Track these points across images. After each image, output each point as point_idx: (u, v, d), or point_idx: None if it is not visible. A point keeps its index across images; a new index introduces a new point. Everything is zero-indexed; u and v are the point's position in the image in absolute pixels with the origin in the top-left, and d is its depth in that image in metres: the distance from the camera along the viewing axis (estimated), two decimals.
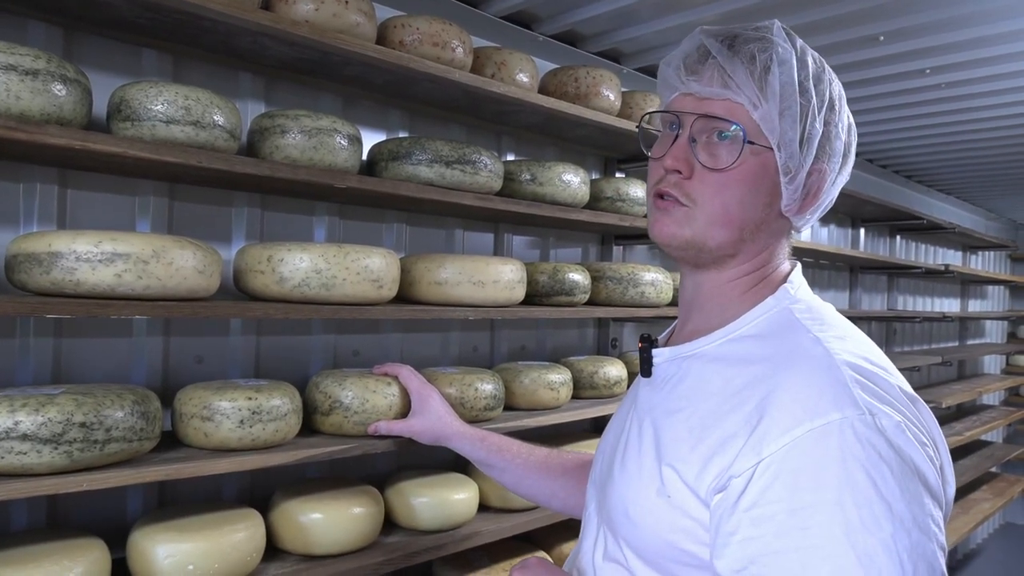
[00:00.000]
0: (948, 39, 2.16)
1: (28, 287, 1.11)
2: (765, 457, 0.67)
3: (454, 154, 1.57)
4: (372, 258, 1.39)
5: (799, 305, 0.82)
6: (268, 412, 1.28)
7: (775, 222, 0.83)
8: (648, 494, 0.78)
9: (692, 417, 0.77)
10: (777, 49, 0.78)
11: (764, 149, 0.78)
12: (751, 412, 0.71)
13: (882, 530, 0.62)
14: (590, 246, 2.39)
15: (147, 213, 1.43)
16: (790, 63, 0.78)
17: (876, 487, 0.63)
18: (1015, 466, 5.68)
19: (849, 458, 0.64)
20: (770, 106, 0.77)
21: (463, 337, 2.02)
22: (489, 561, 1.75)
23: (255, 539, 1.28)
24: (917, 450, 0.67)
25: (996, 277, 5.16)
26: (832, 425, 0.66)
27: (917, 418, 0.71)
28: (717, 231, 0.80)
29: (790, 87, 0.77)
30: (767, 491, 0.66)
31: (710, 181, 0.79)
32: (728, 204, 0.79)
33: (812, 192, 0.83)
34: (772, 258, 0.86)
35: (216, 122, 1.24)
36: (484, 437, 1.30)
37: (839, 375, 0.70)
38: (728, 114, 0.78)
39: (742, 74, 0.77)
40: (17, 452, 1.01)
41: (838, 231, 3.96)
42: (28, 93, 1.05)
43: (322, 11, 1.38)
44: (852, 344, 0.76)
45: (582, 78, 1.92)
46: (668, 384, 0.84)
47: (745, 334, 0.81)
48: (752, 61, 0.77)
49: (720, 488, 0.70)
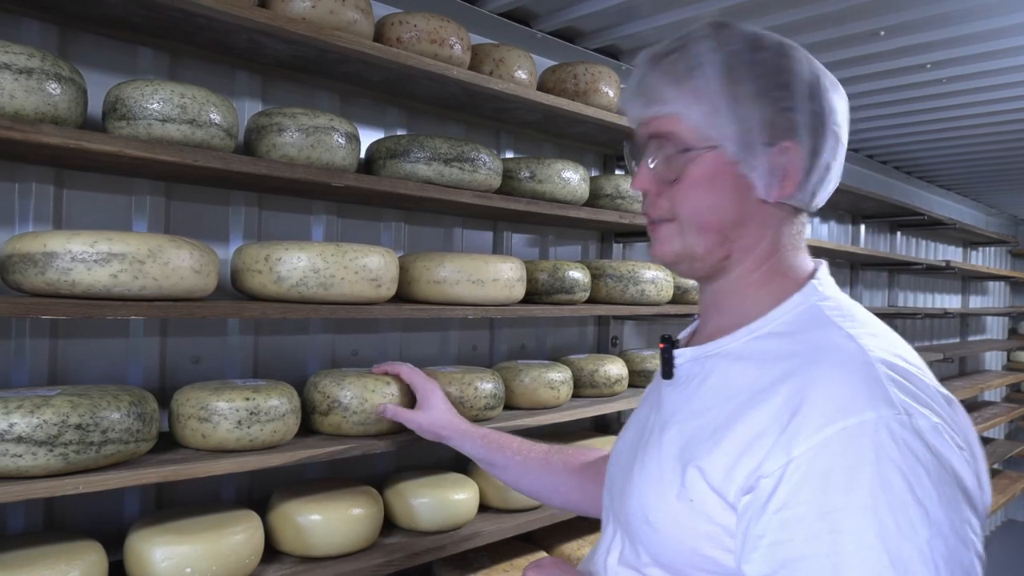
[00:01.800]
0: (949, 34, 2.15)
1: (23, 288, 1.10)
2: (795, 456, 0.65)
3: (453, 152, 1.56)
4: (370, 257, 1.38)
5: (828, 302, 0.80)
6: (266, 412, 1.27)
7: (761, 212, 0.81)
8: (668, 498, 0.75)
9: (717, 417, 0.75)
10: (697, 50, 0.79)
11: (709, 150, 0.79)
12: (780, 409, 0.69)
13: (918, 536, 0.59)
14: (590, 244, 2.38)
15: (143, 213, 1.42)
16: (712, 60, 0.78)
17: (912, 490, 0.60)
18: (1017, 463, 5.67)
19: (884, 459, 0.62)
20: (701, 108, 0.78)
21: (462, 336, 2.01)
22: (489, 562, 1.74)
23: (253, 541, 1.27)
24: (955, 454, 0.64)
25: (997, 273, 5.16)
26: (867, 424, 0.63)
27: (954, 421, 0.68)
28: (698, 237, 0.81)
29: (715, 83, 0.77)
30: (797, 492, 0.64)
31: (674, 194, 0.81)
32: (697, 210, 0.81)
33: (790, 171, 0.79)
34: (778, 247, 0.83)
35: (212, 120, 1.23)
36: (485, 435, 1.30)
37: (874, 372, 0.68)
38: (665, 129, 0.81)
39: (667, 87, 0.79)
40: (12, 454, 1.00)
41: (838, 227, 3.95)
42: (23, 92, 1.04)
43: (319, 8, 1.37)
44: (885, 342, 0.74)
45: (581, 75, 1.91)
46: (691, 384, 0.82)
47: (772, 331, 0.79)
48: (672, 71, 0.79)
49: (749, 489, 0.68)
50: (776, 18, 2.04)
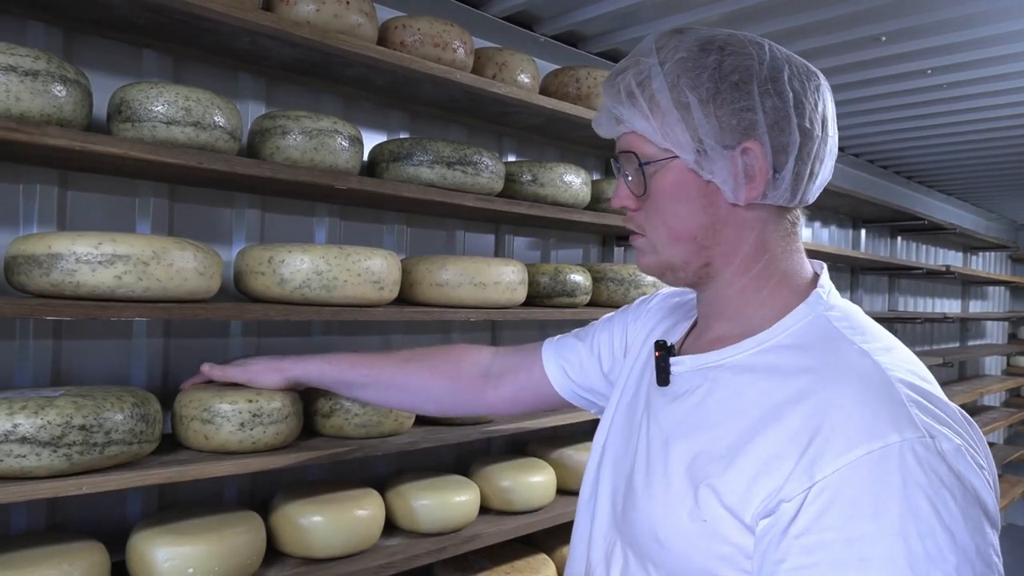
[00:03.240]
0: (950, 39, 2.16)
1: (28, 288, 1.11)
2: (818, 480, 0.64)
3: (455, 155, 1.57)
4: (373, 259, 1.38)
5: (835, 312, 0.79)
6: (269, 415, 1.27)
7: (735, 216, 0.80)
8: (680, 517, 0.74)
9: (729, 433, 0.73)
10: (642, 68, 0.80)
11: (666, 161, 0.79)
12: (799, 430, 0.67)
13: (947, 562, 0.59)
14: (591, 247, 2.38)
15: (147, 214, 1.42)
16: (656, 74, 0.78)
17: (939, 516, 0.60)
18: (1016, 467, 5.67)
19: (911, 484, 0.61)
20: (652, 122, 0.79)
21: (464, 339, 2.01)
22: (490, 564, 1.75)
23: (256, 542, 1.28)
24: (978, 476, 0.64)
25: (997, 278, 5.16)
26: (891, 448, 0.62)
27: (973, 441, 0.67)
28: (672, 248, 0.82)
29: (661, 96, 0.78)
30: (821, 517, 0.63)
31: (646, 208, 0.83)
32: (668, 222, 0.82)
33: (754, 172, 0.77)
34: (765, 249, 0.81)
35: (217, 123, 1.24)
36: (329, 361, 1.27)
37: (895, 394, 0.67)
38: (627, 145, 0.83)
39: (622, 105, 0.81)
40: (16, 455, 1.01)
41: (839, 232, 3.96)
42: (28, 94, 1.05)
43: (323, 12, 1.37)
44: (899, 358, 0.73)
45: (583, 79, 1.92)
46: (694, 396, 0.80)
47: (780, 344, 0.77)
48: (625, 88, 0.81)
49: (768, 513, 0.66)
50: (777, 23, 2.05)
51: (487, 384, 1.20)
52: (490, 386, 1.20)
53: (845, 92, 2.69)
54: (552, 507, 1.80)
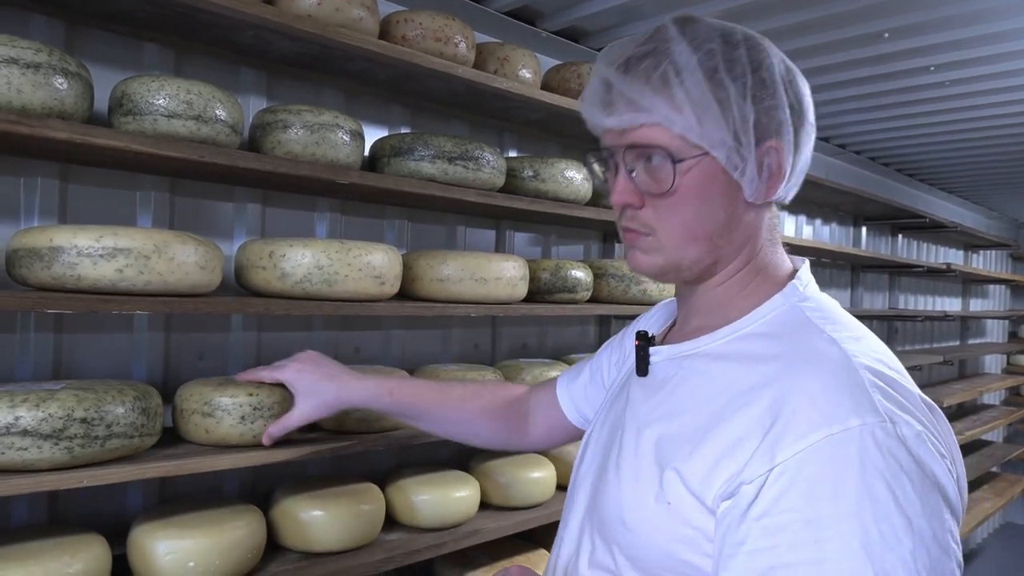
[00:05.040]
0: (953, 36, 2.15)
1: (29, 282, 1.11)
2: (779, 463, 0.64)
3: (456, 150, 1.57)
4: (374, 254, 1.38)
5: (809, 303, 0.79)
6: (269, 408, 1.27)
7: (748, 214, 0.80)
8: (646, 500, 0.74)
9: (697, 418, 0.73)
10: (672, 56, 0.75)
11: (699, 158, 0.75)
12: (763, 414, 0.68)
13: (902, 546, 0.59)
14: (592, 243, 2.38)
15: (148, 208, 1.42)
16: (691, 64, 0.74)
17: (896, 500, 0.60)
18: (1015, 466, 5.68)
19: (869, 468, 0.61)
20: (686, 115, 0.73)
21: (465, 334, 2.01)
22: (489, 559, 1.75)
23: (256, 536, 1.28)
24: (938, 462, 0.64)
25: (997, 276, 5.16)
26: (852, 432, 0.63)
27: (936, 428, 0.68)
28: (686, 248, 0.79)
29: (698, 89, 0.74)
30: (780, 499, 0.63)
31: (661, 206, 0.78)
32: (687, 222, 0.78)
33: (774, 171, 0.78)
34: (757, 247, 0.82)
35: (218, 117, 1.24)
36: (391, 390, 1.20)
37: (858, 379, 0.67)
38: (649, 139, 0.76)
39: (646, 95, 0.74)
40: (18, 448, 1.01)
41: (840, 229, 3.95)
42: (29, 87, 1.05)
43: (325, 5, 1.37)
44: (867, 346, 0.73)
45: (585, 74, 1.92)
46: (668, 384, 0.81)
47: (752, 332, 0.77)
48: (649, 79, 0.74)
49: (728, 495, 0.67)
50: (779, 20, 2.04)
51: (528, 424, 1.21)
52: (530, 425, 1.21)
53: (847, 89, 2.69)
54: (551, 503, 1.80)
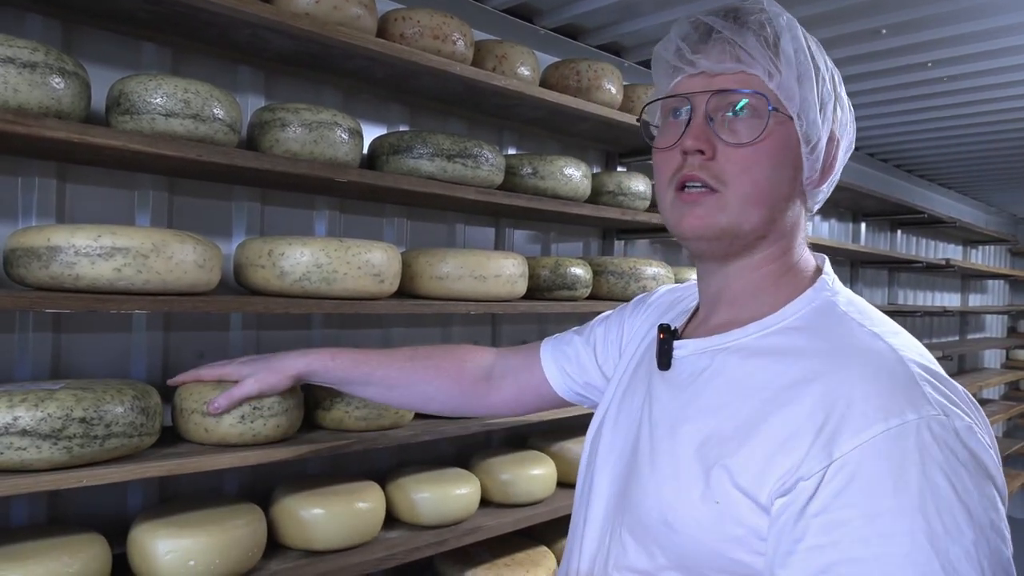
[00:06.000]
0: (951, 32, 2.15)
1: (27, 281, 1.10)
2: (837, 458, 0.63)
3: (455, 148, 1.56)
4: (373, 252, 1.38)
5: (840, 297, 0.79)
6: (269, 407, 1.27)
7: (801, 198, 0.81)
8: (691, 499, 0.72)
9: (739, 414, 0.72)
10: (782, 17, 0.77)
11: (786, 118, 0.76)
12: (814, 409, 0.67)
13: (964, 537, 0.60)
14: (591, 240, 2.38)
15: (146, 207, 1.42)
16: (797, 33, 0.77)
17: (956, 492, 0.61)
18: (1015, 460, 5.68)
19: (928, 461, 0.61)
20: (787, 74, 0.74)
21: (464, 332, 2.01)
22: (490, 556, 1.75)
23: (256, 534, 1.28)
24: (987, 453, 0.65)
25: (996, 272, 5.17)
26: (909, 426, 0.63)
27: (982, 422, 0.68)
28: (751, 211, 0.76)
29: (802, 53, 0.75)
30: (840, 495, 0.63)
31: (736, 159, 0.75)
32: (758, 181, 0.75)
33: (829, 162, 0.80)
34: (794, 243, 0.82)
35: (216, 115, 1.24)
36: (335, 355, 1.20)
37: (909, 372, 0.67)
38: (745, 86, 0.75)
39: (754, 44, 0.74)
40: (17, 448, 1.01)
41: (839, 225, 3.95)
42: (26, 86, 1.04)
43: (323, 3, 1.37)
44: (908, 341, 0.73)
45: (584, 72, 1.91)
46: (699, 379, 0.79)
47: (788, 326, 0.76)
48: (763, 29, 0.75)
49: (784, 491, 0.66)
50: None
51: (489, 386, 1.20)
52: (492, 388, 1.20)
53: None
54: (552, 500, 1.80)
